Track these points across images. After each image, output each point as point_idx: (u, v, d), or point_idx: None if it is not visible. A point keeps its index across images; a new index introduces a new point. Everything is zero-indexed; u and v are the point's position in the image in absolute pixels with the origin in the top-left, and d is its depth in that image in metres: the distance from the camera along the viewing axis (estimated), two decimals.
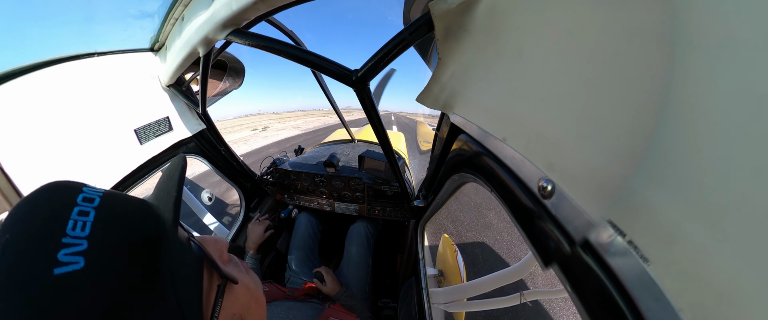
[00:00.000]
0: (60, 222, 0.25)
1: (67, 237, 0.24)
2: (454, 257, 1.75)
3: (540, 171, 0.32)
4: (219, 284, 0.35)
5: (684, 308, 0.18)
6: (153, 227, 0.30)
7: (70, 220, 0.25)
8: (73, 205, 0.26)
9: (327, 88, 1.86)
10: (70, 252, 0.23)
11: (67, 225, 0.25)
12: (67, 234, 0.24)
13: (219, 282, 0.35)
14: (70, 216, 0.25)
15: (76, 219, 0.25)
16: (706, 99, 0.17)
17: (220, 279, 0.35)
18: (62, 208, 0.26)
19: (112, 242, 0.26)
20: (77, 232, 0.25)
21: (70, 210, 0.26)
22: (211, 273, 0.35)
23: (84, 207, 0.27)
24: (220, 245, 0.41)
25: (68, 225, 0.25)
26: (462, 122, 0.55)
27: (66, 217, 0.25)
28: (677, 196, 0.18)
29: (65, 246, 0.23)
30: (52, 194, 0.27)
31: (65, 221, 0.25)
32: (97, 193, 0.29)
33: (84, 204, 0.27)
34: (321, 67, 0.61)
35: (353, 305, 1.06)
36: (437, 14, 0.44)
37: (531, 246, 0.33)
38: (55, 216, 0.25)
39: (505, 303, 1.48)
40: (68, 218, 0.25)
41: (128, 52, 1.01)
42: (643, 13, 0.20)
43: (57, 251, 0.23)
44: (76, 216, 0.26)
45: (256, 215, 1.56)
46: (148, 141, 1.08)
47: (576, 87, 0.27)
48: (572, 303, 0.28)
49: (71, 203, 0.26)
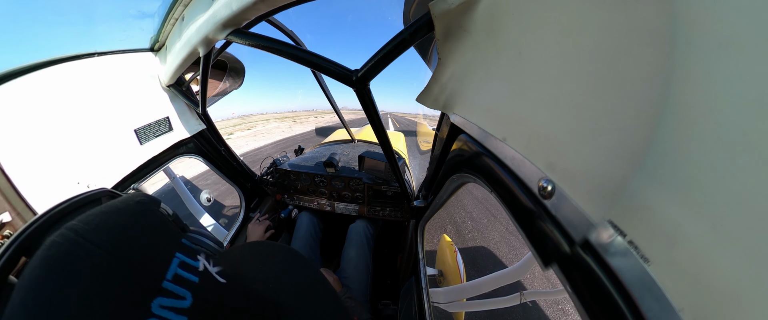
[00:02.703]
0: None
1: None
2: (454, 257, 1.75)
3: (540, 171, 0.32)
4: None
5: (684, 308, 0.18)
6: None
7: None
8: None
9: (327, 88, 1.86)
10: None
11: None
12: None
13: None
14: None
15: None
16: (706, 99, 0.17)
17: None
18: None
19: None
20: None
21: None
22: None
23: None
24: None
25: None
26: (462, 122, 0.55)
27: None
28: (678, 196, 0.18)
29: None
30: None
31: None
32: (181, 314, 0.17)
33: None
34: (321, 67, 0.61)
35: (353, 307, 1.06)
36: (437, 14, 0.44)
37: (531, 247, 0.33)
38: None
39: (505, 303, 1.49)
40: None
41: (128, 52, 1.01)
42: (643, 13, 0.20)
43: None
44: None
45: (256, 215, 1.56)
46: (148, 141, 1.08)
47: (576, 87, 0.27)
48: (572, 304, 0.28)
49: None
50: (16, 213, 0.74)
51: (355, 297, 1.14)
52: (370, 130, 0.92)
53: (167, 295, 0.16)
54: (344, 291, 1.10)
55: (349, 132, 2.54)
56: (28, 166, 0.75)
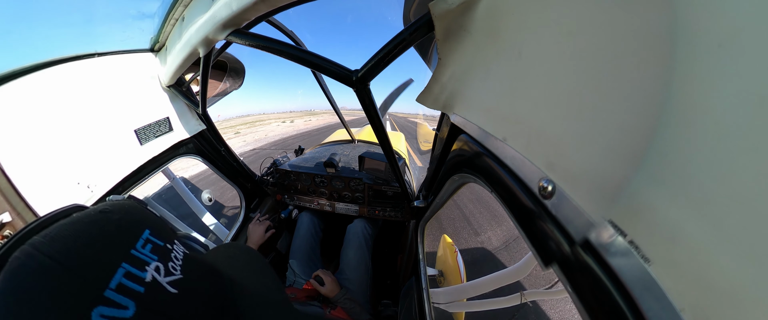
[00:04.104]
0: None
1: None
2: (454, 257, 1.75)
3: (540, 171, 0.32)
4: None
5: (685, 308, 0.18)
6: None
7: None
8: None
9: (327, 88, 1.86)
10: None
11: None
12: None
13: None
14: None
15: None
16: (706, 99, 0.17)
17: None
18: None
19: None
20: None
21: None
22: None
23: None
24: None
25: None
26: (462, 122, 0.55)
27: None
28: (678, 196, 0.18)
29: None
30: (41, 313, 0.16)
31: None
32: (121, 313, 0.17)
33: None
34: (321, 68, 0.61)
35: (353, 308, 1.06)
36: (437, 14, 0.44)
37: (531, 247, 0.33)
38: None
39: (505, 303, 1.48)
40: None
41: (128, 52, 1.01)
42: (643, 13, 0.20)
43: None
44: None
45: (257, 215, 1.56)
46: (149, 141, 1.08)
47: (576, 87, 0.27)
48: (572, 304, 0.28)
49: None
50: (16, 214, 0.74)
51: (355, 298, 1.14)
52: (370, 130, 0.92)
53: (108, 304, 0.17)
54: (344, 292, 1.10)
55: (349, 132, 2.54)
56: (29, 167, 0.75)
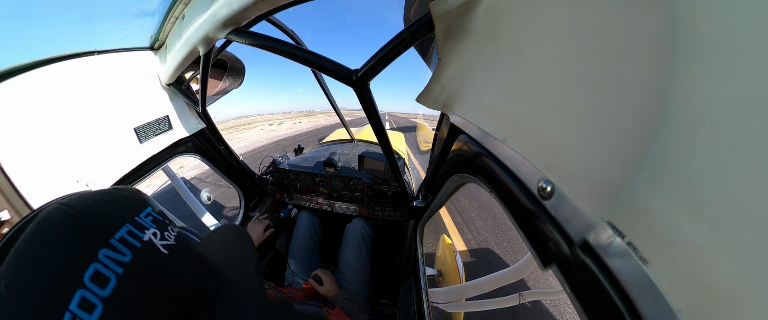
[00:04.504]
0: (52, 312, 0.19)
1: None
2: (453, 257, 1.75)
3: (539, 172, 0.32)
4: None
5: (683, 309, 0.18)
6: None
7: (67, 313, 0.19)
8: (76, 286, 0.20)
9: (327, 88, 1.86)
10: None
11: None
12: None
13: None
14: (68, 306, 0.20)
15: (75, 315, 0.19)
16: (705, 100, 0.17)
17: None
18: (62, 286, 0.20)
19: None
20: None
21: (71, 295, 0.20)
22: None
23: (91, 294, 0.20)
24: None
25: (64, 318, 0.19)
26: (462, 122, 0.55)
27: (62, 307, 0.20)
28: (677, 197, 0.18)
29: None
30: (59, 248, 0.21)
31: (59, 314, 0.19)
32: (119, 263, 0.22)
33: (92, 288, 0.20)
34: (321, 67, 0.60)
35: (351, 308, 1.06)
36: (438, 14, 0.44)
37: (530, 247, 0.33)
38: (52, 295, 0.20)
39: (504, 303, 1.49)
40: (64, 310, 0.19)
41: (128, 50, 1.01)
42: (643, 14, 0.20)
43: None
44: (76, 309, 0.19)
45: (256, 214, 1.56)
46: (148, 139, 1.08)
47: (576, 87, 0.27)
48: (571, 304, 0.28)
49: (75, 281, 0.20)
50: (15, 212, 0.74)
51: (354, 298, 1.14)
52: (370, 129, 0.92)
53: (111, 249, 0.23)
54: (342, 292, 1.10)
55: (348, 131, 2.54)
56: (28, 164, 0.75)
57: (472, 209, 3.63)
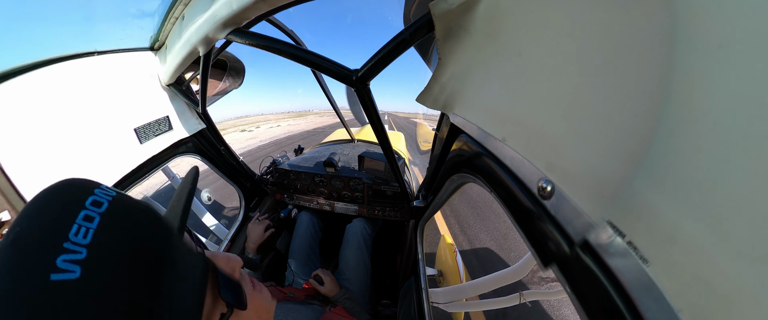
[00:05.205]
0: (65, 226, 0.25)
1: (69, 242, 0.24)
2: (454, 257, 1.75)
3: (539, 171, 0.32)
4: (223, 313, 0.34)
5: (683, 309, 0.18)
6: (160, 240, 0.30)
7: (75, 224, 0.25)
8: (80, 209, 0.26)
9: (327, 88, 1.86)
10: (68, 259, 0.23)
11: (70, 230, 0.24)
12: (70, 240, 0.24)
13: (224, 311, 0.34)
14: (76, 220, 0.25)
15: (81, 224, 0.25)
16: (705, 99, 0.17)
17: (226, 306, 0.34)
18: (70, 211, 0.26)
19: (111, 254, 0.26)
20: (79, 239, 0.24)
21: (77, 213, 0.26)
22: (215, 298, 0.34)
23: (91, 212, 0.26)
24: (232, 262, 0.40)
25: (72, 229, 0.25)
26: (462, 122, 0.55)
27: (71, 221, 0.25)
28: (677, 197, 0.18)
29: (65, 251, 0.23)
30: (64, 193, 0.28)
31: (70, 225, 0.25)
32: (108, 196, 0.29)
33: (91, 209, 0.27)
34: (321, 67, 0.60)
35: (352, 307, 1.06)
36: (437, 14, 0.44)
37: (530, 247, 0.33)
38: (62, 218, 0.25)
39: (505, 303, 1.49)
40: (73, 222, 0.25)
41: (128, 51, 1.01)
42: (643, 13, 0.20)
43: (57, 256, 0.23)
44: (81, 221, 0.25)
45: (256, 215, 1.56)
46: (148, 140, 1.08)
47: (576, 87, 0.27)
48: (571, 304, 0.28)
49: (79, 206, 0.26)
50: (15, 212, 0.74)
51: (355, 298, 1.14)
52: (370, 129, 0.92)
53: (102, 190, 0.29)
54: (343, 292, 1.10)
55: (348, 132, 2.54)
56: (28, 165, 0.75)
57: (472, 215, 3.64)
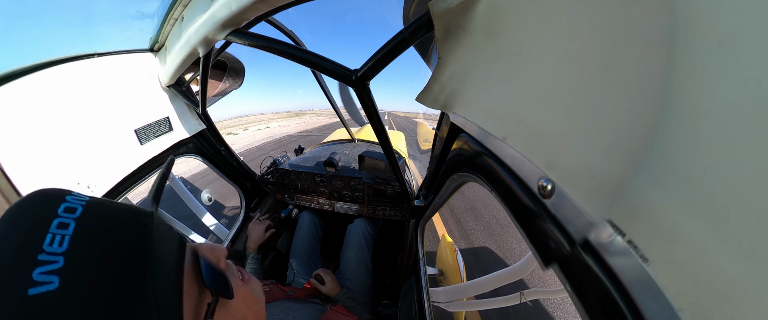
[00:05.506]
0: (38, 237, 0.24)
1: (43, 253, 0.23)
2: (454, 257, 1.75)
3: (540, 170, 0.32)
4: (209, 302, 0.33)
5: (684, 308, 0.18)
6: (138, 236, 0.29)
7: (49, 234, 0.24)
8: (52, 217, 0.25)
9: (327, 88, 1.86)
10: (45, 271, 0.22)
11: (44, 240, 0.23)
12: (44, 251, 0.23)
13: (210, 301, 0.33)
14: (49, 230, 0.24)
15: (55, 233, 0.24)
16: (706, 99, 0.17)
17: (212, 295, 0.33)
18: (41, 221, 0.25)
19: (89, 258, 0.25)
20: (54, 247, 0.23)
21: (50, 222, 0.25)
22: (201, 288, 0.33)
23: (65, 219, 0.25)
24: (217, 252, 0.39)
25: (46, 239, 0.24)
26: (462, 122, 0.55)
27: (44, 231, 0.24)
28: (677, 196, 0.18)
29: (41, 263, 0.22)
30: (35, 204, 0.27)
31: (43, 235, 0.24)
32: (81, 202, 0.28)
33: (65, 216, 0.26)
34: (321, 67, 0.60)
35: (354, 307, 1.06)
36: (437, 14, 0.44)
37: (531, 246, 0.33)
38: (34, 229, 0.24)
39: (505, 302, 1.49)
40: (46, 232, 0.24)
41: (128, 52, 1.01)
42: (643, 13, 0.20)
43: (32, 269, 0.22)
44: (55, 230, 0.24)
45: (257, 215, 1.56)
46: (149, 141, 1.08)
47: (576, 86, 0.27)
48: (572, 303, 0.28)
49: (51, 215, 0.25)
50: None
51: (356, 297, 1.14)
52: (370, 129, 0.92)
53: (74, 196, 0.29)
54: (344, 292, 1.10)
55: (349, 131, 2.54)
56: (29, 167, 0.75)
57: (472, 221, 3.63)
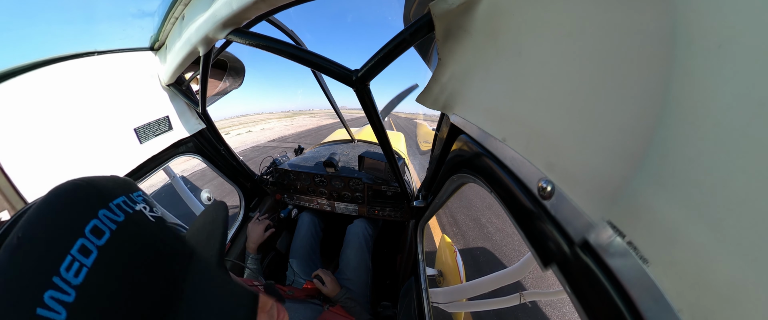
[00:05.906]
0: (58, 254, 0.22)
1: (59, 277, 0.21)
2: (454, 257, 1.75)
3: (540, 171, 0.32)
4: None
5: (683, 309, 0.18)
6: (167, 284, 0.27)
7: (69, 256, 0.22)
8: (77, 237, 0.23)
9: (327, 88, 1.86)
10: (55, 298, 0.21)
11: (63, 262, 0.22)
12: (60, 274, 0.21)
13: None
14: (70, 250, 0.23)
15: (75, 257, 0.22)
16: (706, 99, 0.17)
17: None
18: (68, 234, 0.23)
19: (101, 304, 0.23)
20: (70, 276, 0.22)
21: (73, 242, 0.23)
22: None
23: (89, 243, 0.23)
24: (263, 301, 0.36)
25: (65, 261, 0.22)
26: (462, 122, 0.55)
27: (66, 249, 0.23)
28: (677, 197, 0.18)
29: (54, 287, 0.21)
30: (70, 206, 0.25)
31: (63, 255, 0.22)
32: (113, 223, 0.26)
33: (90, 239, 0.24)
34: (321, 67, 0.60)
35: (353, 307, 1.06)
36: (438, 14, 0.44)
37: (530, 247, 0.33)
38: (59, 240, 0.23)
39: (505, 303, 1.48)
40: (67, 252, 0.22)
41: (128, 51, 1.01)
42: (643, 13, 0.20)
43: (44, 290, 0.21)
44: (76, 252, 0.23)
45: (256, 215, 1.56)
46: (148, 140, 1.08)
47: (576, 87, 0.27)
48: (571, 304, 0.28)
49: (78, 231, 0.24)
50: (15, 212, 0.74)
51: (355, 298, 1.14)
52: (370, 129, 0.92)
53: (109, 211, 0.27)
54: (344, 292, 1.10)
55: (349, 132, 2.54)
56: (28, 165, 0.75)
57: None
